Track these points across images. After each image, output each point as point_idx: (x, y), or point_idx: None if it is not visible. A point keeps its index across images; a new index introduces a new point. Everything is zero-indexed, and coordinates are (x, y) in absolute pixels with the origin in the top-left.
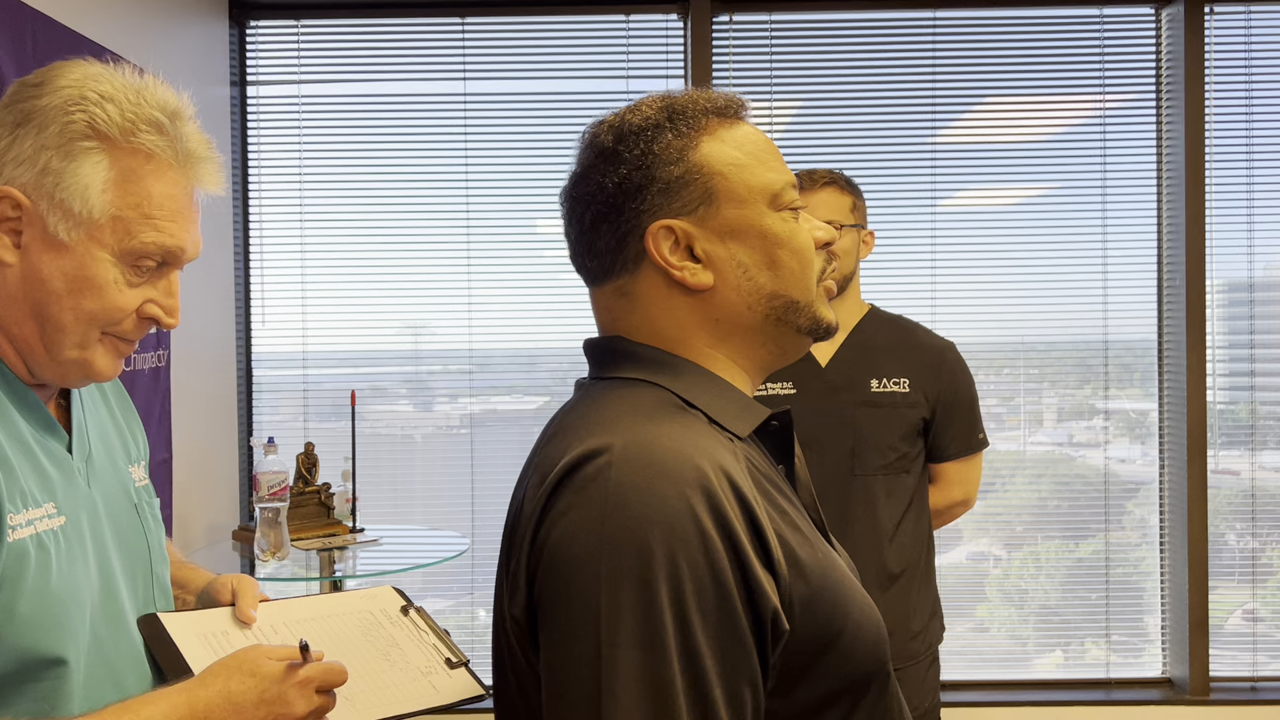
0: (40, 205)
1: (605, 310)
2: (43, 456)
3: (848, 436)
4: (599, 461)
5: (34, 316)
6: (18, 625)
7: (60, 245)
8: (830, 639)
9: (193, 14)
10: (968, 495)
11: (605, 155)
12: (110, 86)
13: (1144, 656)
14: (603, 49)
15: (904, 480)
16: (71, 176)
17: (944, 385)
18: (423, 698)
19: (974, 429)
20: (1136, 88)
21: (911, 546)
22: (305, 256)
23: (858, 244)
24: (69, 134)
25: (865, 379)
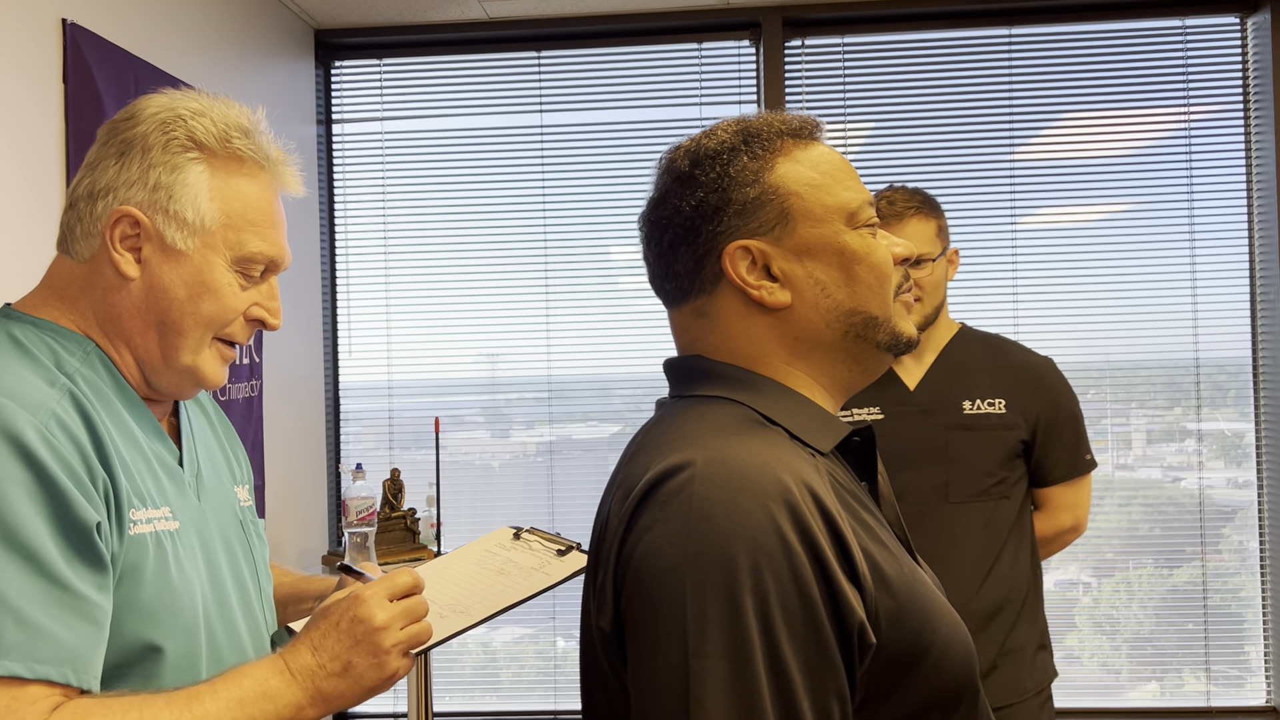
0: (156, 220)
1: (684, 331)
2: (157, 465)
3: (939, 462)
4: (682, 476)
5: (155, 326)
6: (131, 615)
7: (179, 254)
8: (918, 654)
9: (281, 56)
10: (1078, 521)
11: (682, 179)
12: (198, 104)
13: (1246, 688)
14: (676, 77)
15: (1003, 507)
16: (181, 188)
17: (1044, 404)
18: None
19: (1080, 449)
20: (1222, 98)
21: (1012, 578)
22: (389, 288)
23: (945, 269)
24: (172, 149)
25: (957, 401)
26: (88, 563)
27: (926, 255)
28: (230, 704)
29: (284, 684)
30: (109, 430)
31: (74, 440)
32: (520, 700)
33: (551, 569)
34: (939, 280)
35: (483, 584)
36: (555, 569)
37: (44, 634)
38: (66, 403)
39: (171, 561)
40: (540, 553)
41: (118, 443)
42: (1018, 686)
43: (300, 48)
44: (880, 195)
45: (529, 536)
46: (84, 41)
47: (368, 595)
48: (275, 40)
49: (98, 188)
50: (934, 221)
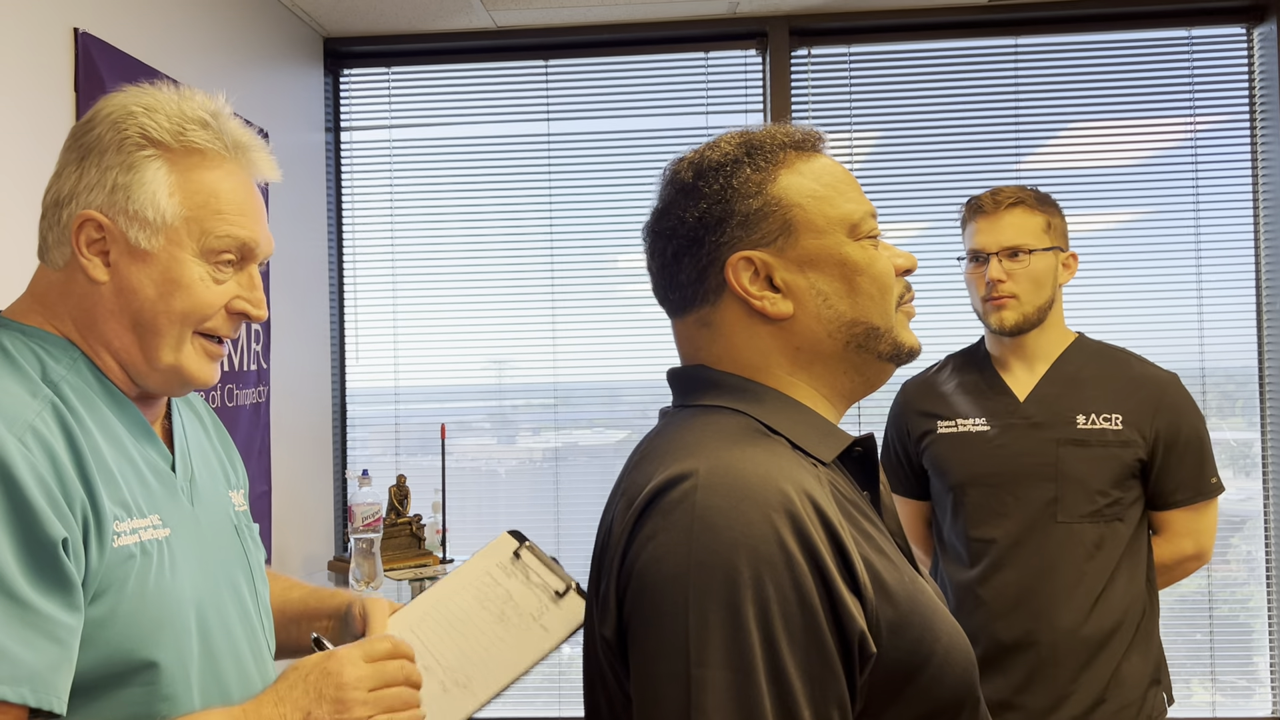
0: (119, 221)
1: (688, 340)
2: (147, 471)
3: (1049, 478)
4: (684, 486)
5: (132, 327)
6: (116, 628)
7: (144, 254)
8: (919, 664)
9: (290, 64)
10: (1201, 548)
11: (686, 190)
12: (152, 99)
13: (1254, 698)
14: (683, 87)
15: (1117, 529)
16: (139, 187)
17: (1165, 423)
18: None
19: (1204, 472)
20: (1229, 109)
21: (1125, 605)
22: (396, 295)
23: (1055, 268)
24: (126, 148)
25: (1070, 414)
26: (52, 580)
27: (1023, 246)
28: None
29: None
30: (93, 440)
31: (50, 454)
32: (524, 707)
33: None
34: (1038, 276)
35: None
36: (553, 621)
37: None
38: (47, 414)
39: (157, 570)
40: (538, 590)
41: (103, 452)
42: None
43: (309, 55)
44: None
45: (528, 556)
46: (95, 50)
47: (342, 652)
48: (284, 48)
49: (62, 195)
50: (1041, 216)
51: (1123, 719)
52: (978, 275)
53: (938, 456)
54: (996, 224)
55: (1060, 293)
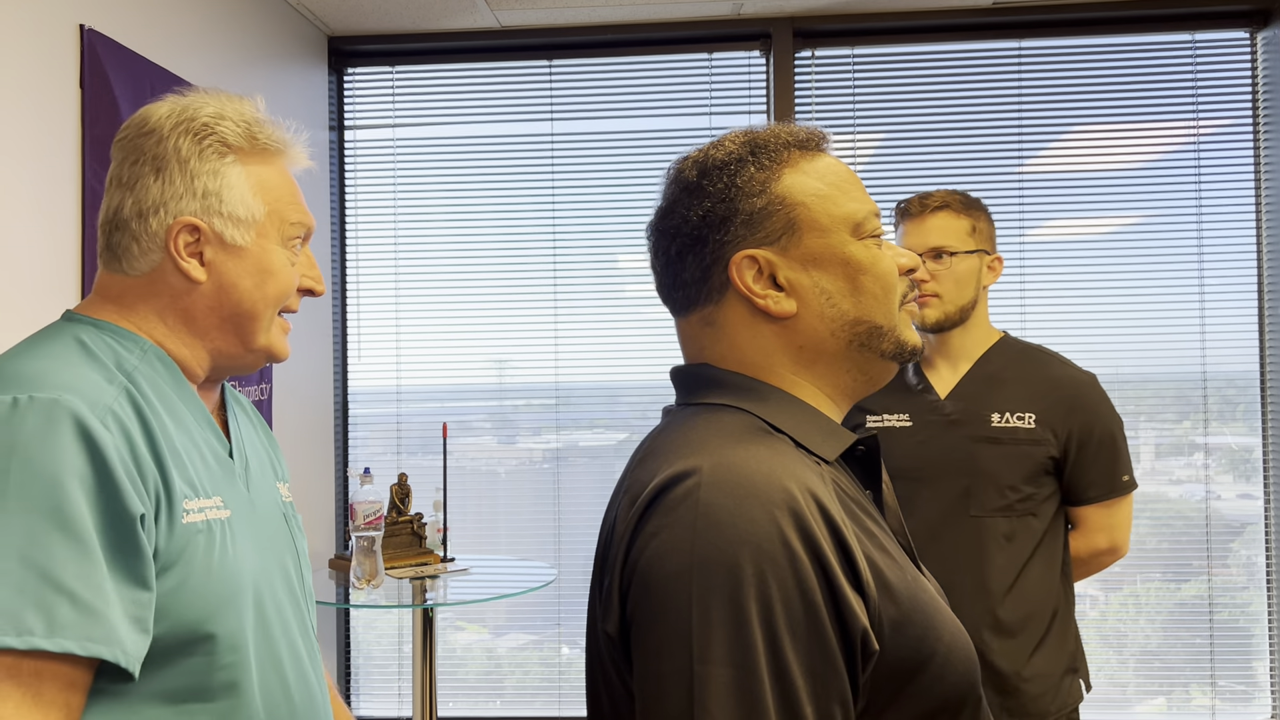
0: (214, 223)
1: (691, 339)
2: (210, 455)
3: (963, 474)
4: (688, 483)
5: (230, 319)
6: (183, 600)
7: (239, 249)
8: (921, 662)
9: (295, 62)
10: (1114, 543)
11: (690, 189)
12: (215, 106)
13: (1253, 703)
14: (686, 87)
15: (1029, 523)
16: (228, 190)
17: (1078, 422)
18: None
19: (1117, 470)
20: (1232, 113)
21: (1038, 596)
22: (399, 294)
23: (979, 269)
24: (208, 157)
25: (986, 413)
26: (131, 552)
27: (947, 248)
28: None
29: None
30: (164, 424)
31: (127, 436)
32: (524, 706)
33: None
34: (960, 277)
35: None
36: None
37: (95, 615)
38: (123, 400)
39: (220, 548)
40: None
41: (172, 436)
42: (1040, 708)
43: (314, 54)
44: (913, 196)
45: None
46: (101, 47)
47: None
48: (289, 46)
49: (145, 206)
50: (966, 220)
51: (1038, 705)
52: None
53: None
54: (922, 226)
55: (985, 293)
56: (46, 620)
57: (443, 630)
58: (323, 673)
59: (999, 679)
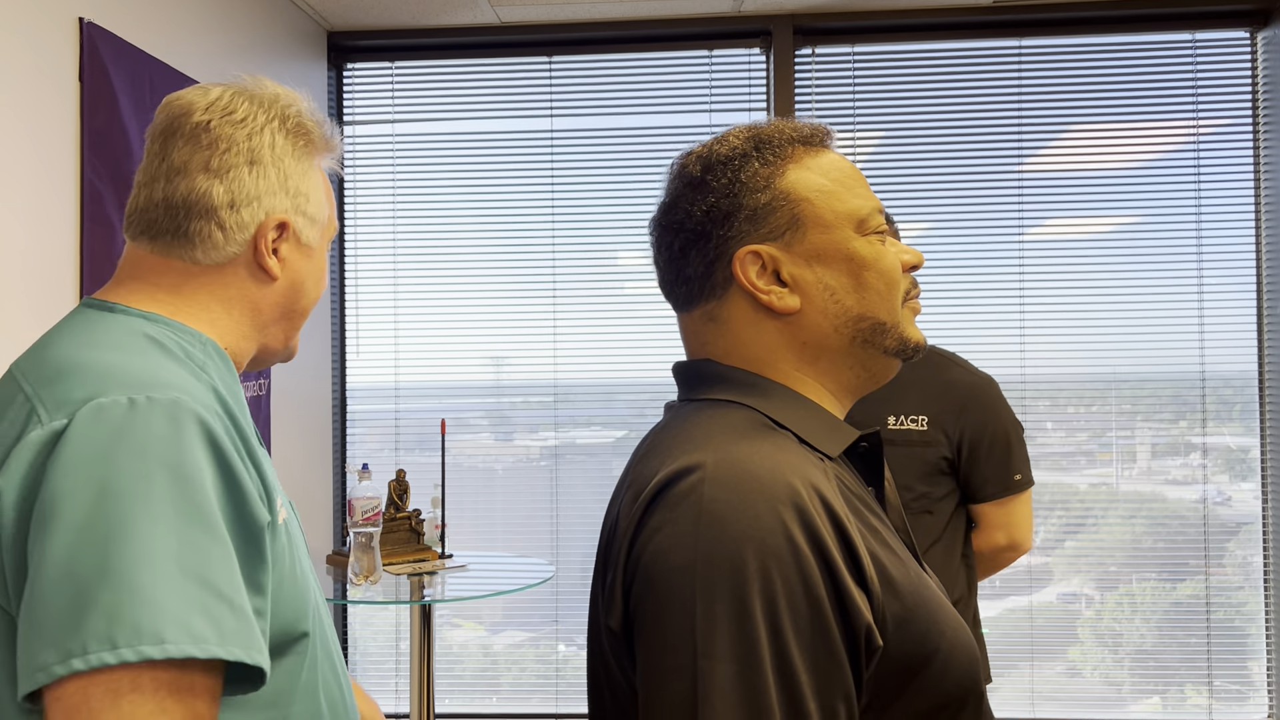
0: (297, 223)
1: (694, 335)
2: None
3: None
4: (692, 478)
5: (288, 315)
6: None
7: (310, 249)
8: (925, 658)
9: (294, 57)
10: (1013, 539)
11: (694, 184)
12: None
13: (1249, 703)
14: (686, 84)
15: (925, 521)
16: (313, 190)
17: (970, 423)
18: None
19: (1009, 469)
20: (1232, 112)
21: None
22: (398, 291)
23: None
24: (301, 155)
25: (882, 416)
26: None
27: None
28: None
29: None
30: (246, 424)
31: (231, 437)
32: (521, 703)
33: None
34: None
35: None
36: None
37: (249, 622)
38: (213, 399)
39: (294, 547)
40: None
41: (249, 436)
42: None
43: (313, 49)
44: None
45: None
46: (100, 40)
47: None
48: (288, 41)
49: (238, 197)
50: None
51: None
52: None
53: None
54: None
55: None
56: (216, 629)
57: (439, 627)
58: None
59: None
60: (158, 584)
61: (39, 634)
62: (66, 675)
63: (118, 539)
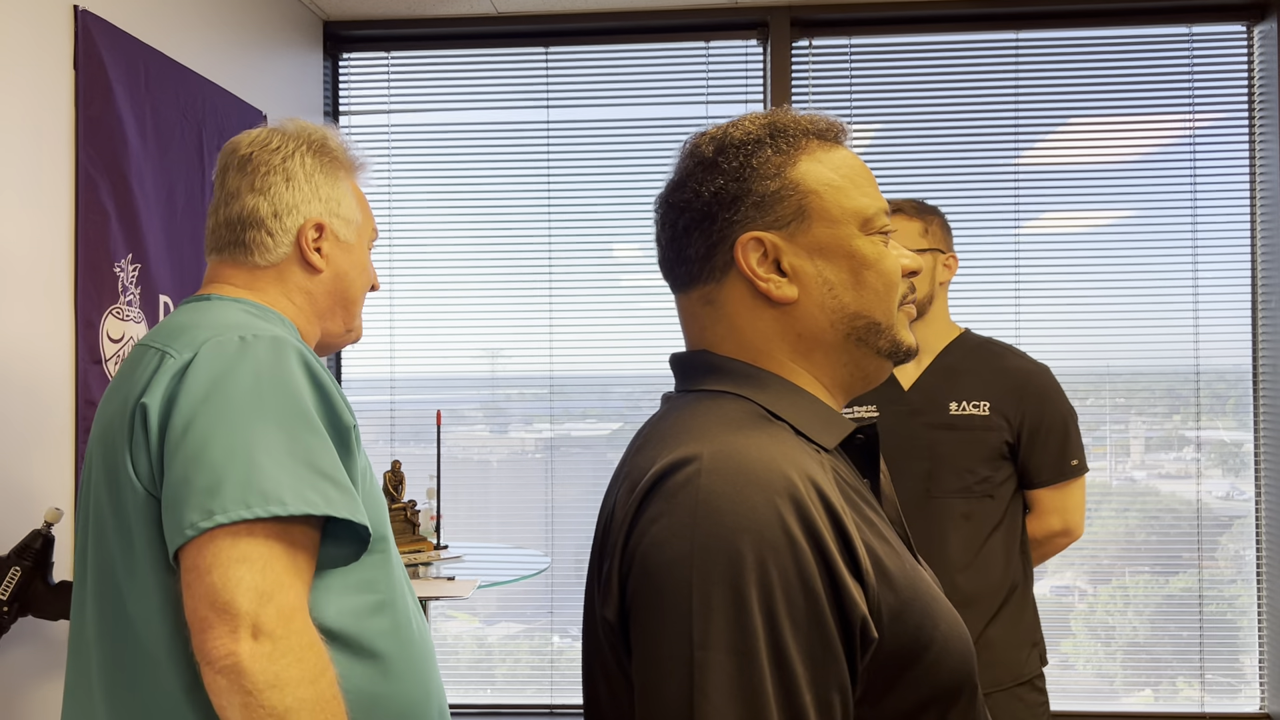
0: (333, 223)
1: (692, 318)
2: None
3: (924, 459)
4: (688, 469)
5: (340, 302)
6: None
7: (348, 246)
8: (919, 650)
9: (290, 47)
10: (1067, 525)
11: (704, 165)
12: (320, 134)
13: (1239, 697)
14: (683, 75)
15: (986, 505)
16: (343, 195)
17: (1029, 409)
18: None
19: (1066, 455)
20: (1228, 107)
21: (995, 572)
22: (393, 282)
23: (934, 267)
24: (328, 170)
25: (944, 402)
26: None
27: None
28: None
29: None
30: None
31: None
32: (515, 694)
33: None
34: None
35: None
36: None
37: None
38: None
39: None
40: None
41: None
42: (992, 677)
43: (309, 39)
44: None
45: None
46: (95, 29)
47: None
48: (284, 31)
49: (280, 207)
50: (918, 222)
51: (992, 674)
52: None
53: None
54: None
55: (943, 290)
56: (324, 497)
57: (433, 619)
58: None
59: None
60: (277, 464)
61: (185, 503)
62: (210, 528)
63: (241, 432)
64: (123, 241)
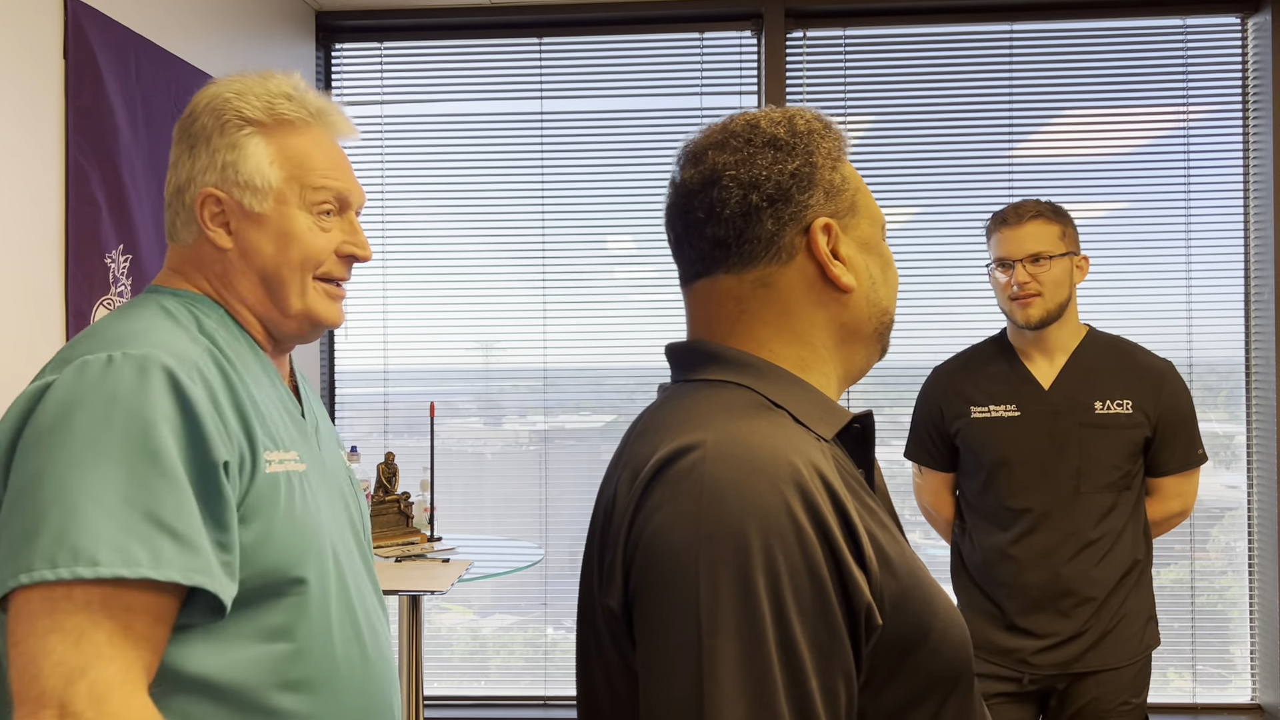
0: (233, 193)
1: (732, 301)
2: (286, 414)
3: (1073, 457)
4: (692, 456)
5: (261, 283)
6: (272, 546)
7: (259, 217)
8: (919, 637)
9: (282, 37)
10: (1185, 506)
11: (778, 145)
12: (241, 84)
13: (1230, 689)
14: (677, 67)
15: (1125, 496)
16: (245, 161)
17: (1165, 405)
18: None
19: (1194, 446)
20: (1221, 99)
21: (1130, 556)
22: (386, 274)
23: (1070, 271)
24: (228, 131)
25: (1089, 401)
26: (215, 497)
27: (1044, 253)
28: None
29: None
30: (245, 382)
31: (210, 389)
32: (509, 686)
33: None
34: (1057, 279)
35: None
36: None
37: (195, 549)
38: (207, 358)
39: (300, 498)
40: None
41: (252, 392)
42: (1127, 650)
43: (301, 29)
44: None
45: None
46: (86, 18)
47: None
48: (277, 21)
49: (181, 182)
50: (1057, 226)
51: (1129, 647)
52: (1005, 278)
53: (972, 438)
54: (1019, 234)
55: (1075, 291)
56: (152, 554)
57: (427, 611)
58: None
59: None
60: (104, 512)
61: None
62: (15, 588)
63: (74, 473)
64: (114, 232)
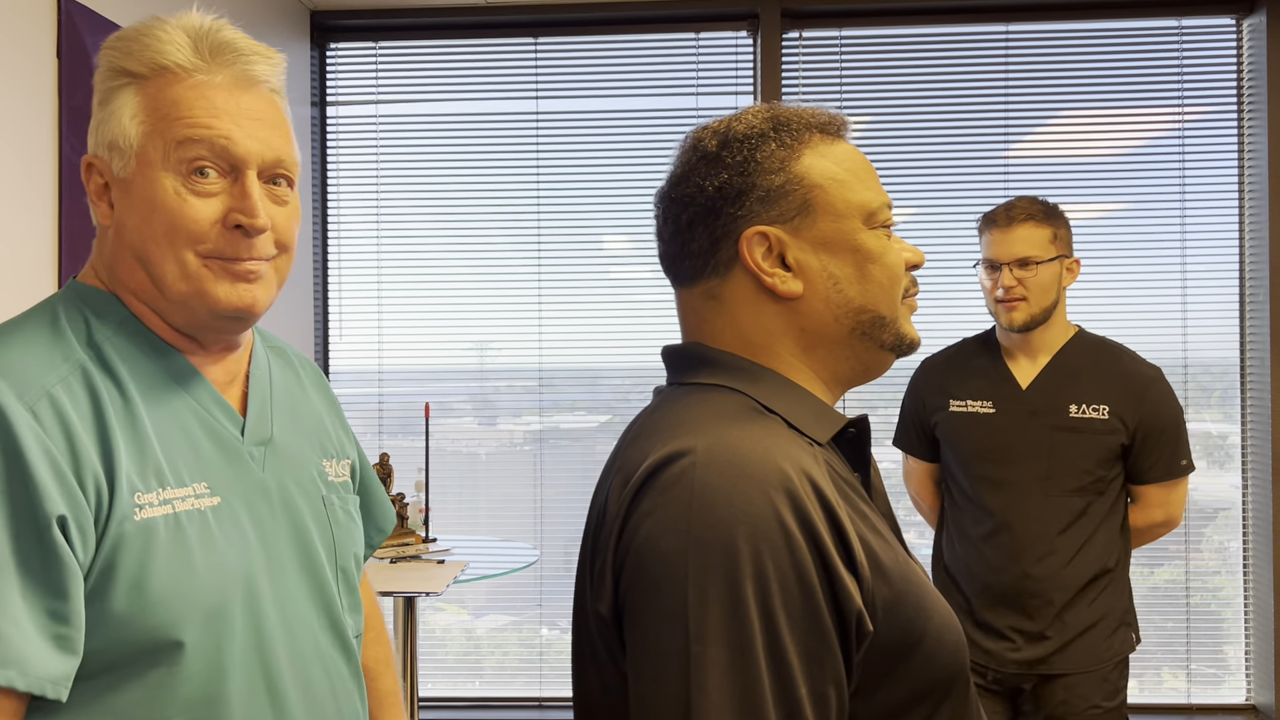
0: (104, 156)
1: (693, 312)
2: (200, 434)
3: (1042, 459)
4: (683, 463)
5: (135, 261)
6: (139, 606)
7: (125, 183)
8: (913, 642)
9: (277, 36)
10: (1169, 517)
11: (708, 159)
12: (131, 30)
13: (1224, 688)
14: (672, 67)
15: (1097, 501)
16: (111, 116)
17: (1147, 413)
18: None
19: (1177, 456)
20: (1217, 100)
21: (1102, 560)
22: (381, 273)
23: (1059, 274)
24: (103, 85)
25: (1064, 404)
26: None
27: (1033, 258)
28: None
29: None
30: (128, 405)
31: (63, 424)
32: (504, 687)
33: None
34: (1045, 283)
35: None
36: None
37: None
38: (74, 380)
39: (196, 542)
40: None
41: (139, 417)
42: (1094, 655)
43: (296, 28)
44: (999, 208)
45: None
46: (79, 16)
47: None
48: (271, 20)
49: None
50: (1048, 229)
51: (1095, 653)
52: (991, 280)
53: (948, 431)
54: (1008, 236)
55: (1064, 293)
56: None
57: (422, 611)
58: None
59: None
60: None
61: None
62: None
63: None
64: None
